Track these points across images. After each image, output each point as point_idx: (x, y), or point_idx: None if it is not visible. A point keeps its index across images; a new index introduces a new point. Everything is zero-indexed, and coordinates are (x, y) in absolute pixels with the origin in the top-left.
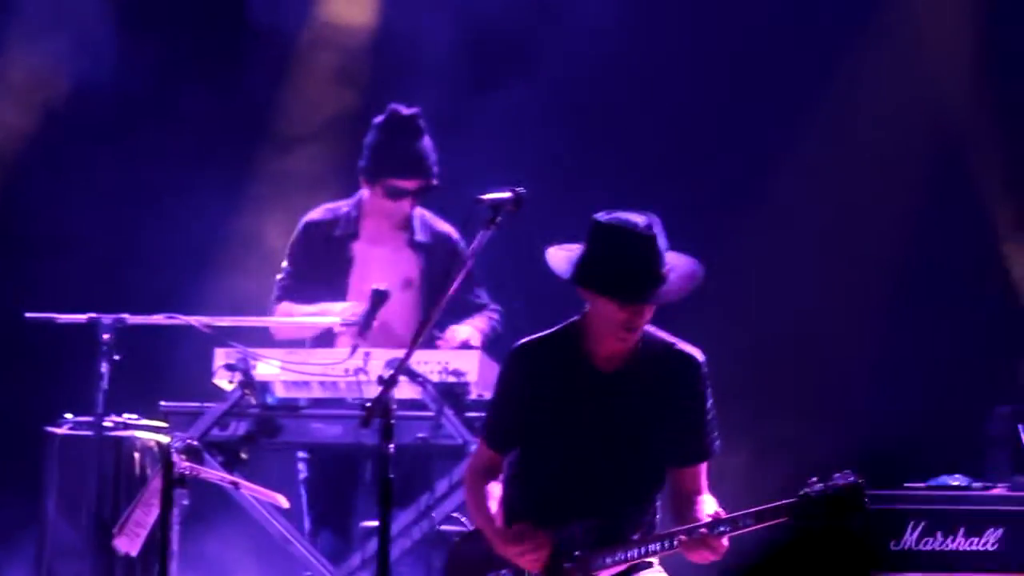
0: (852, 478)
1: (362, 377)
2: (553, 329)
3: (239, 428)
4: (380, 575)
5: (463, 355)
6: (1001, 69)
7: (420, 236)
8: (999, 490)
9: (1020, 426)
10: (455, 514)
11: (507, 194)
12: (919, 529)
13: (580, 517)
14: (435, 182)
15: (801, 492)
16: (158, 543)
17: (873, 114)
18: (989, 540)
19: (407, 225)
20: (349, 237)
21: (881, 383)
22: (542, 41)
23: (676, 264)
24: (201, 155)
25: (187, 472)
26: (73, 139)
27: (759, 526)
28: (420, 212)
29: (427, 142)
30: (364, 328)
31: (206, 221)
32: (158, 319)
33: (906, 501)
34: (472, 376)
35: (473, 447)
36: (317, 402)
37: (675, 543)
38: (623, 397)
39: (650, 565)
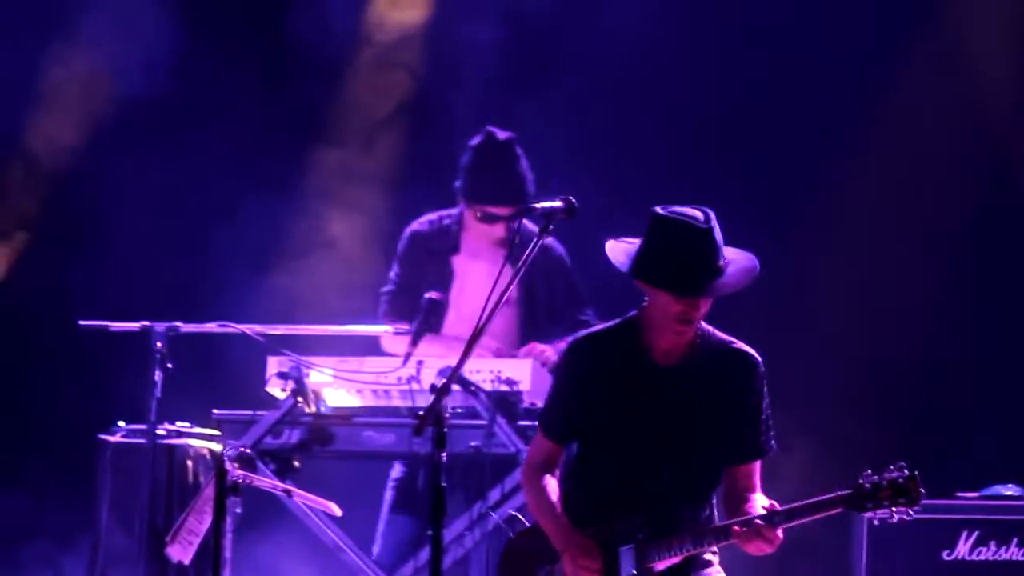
0: (906, 470)
1: (415, 386)
2: (612, 323)
3: (292, 436)
4: None
5: (516, 364)
6: None
7: (517, 250)
8: None
9: None
10: (515, 513)
11: (559, 203)
12: (972, 539)
13: (636, 511)
14: (530, 207)
15: (857, 483)
16: (211, 551)
17: (920, 120)
18: None
19: (507, 240)
20: (450, 251)
21: (934, 390)
22: (582, 40)
23: (733, 258)
24: (254, 159)
25: (240, 480)
26: (123, 146)
27: (814, 517)
28: (525, 225)
29: (522, 167)
30: (417, 337)
31: (259, 227)
32: (211, 327)
33: (959, 511)
34: (525, 385)
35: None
36: (370, 410)
37: (730, 535)
38: (680, 391)
39: (709, 564)
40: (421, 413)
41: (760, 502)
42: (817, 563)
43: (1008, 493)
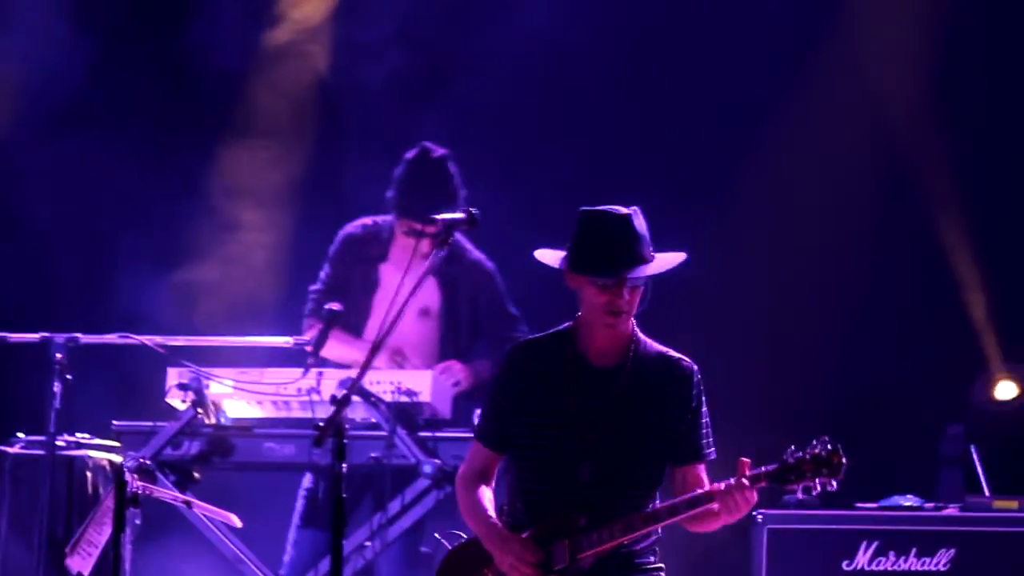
0: (828, 444)
1: (315, 397)
2: (549, 331)
3: (192, 447)
4: None
5: (416, 375)
6: (949, 81)
7: (446, 264)
8: (951, 510)
9: (972, 446)
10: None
11: (460, 214)
12: (872, 549)
13: (567, 508)
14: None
15: (781, 459)
16: (110, 563)
17: (824, 128)
18: (941, 560)
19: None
20: (379, 258)
21: (834, 401)
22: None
23: (661, 255)
24: (158, 162)
25: (139, 491)
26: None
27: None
28: (457, 240)
29: (454, 186)
30: (317, 349)
31: (163, 233)
32: (111, 338)
33: (859, 521)
34: (425, 396)
35: (426, 467)
36: (270, 422)
37: (661, 515)
38: (616, 391)
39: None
40: (321, 424)
41: None
42: (718, 572)
43: (907, 504)
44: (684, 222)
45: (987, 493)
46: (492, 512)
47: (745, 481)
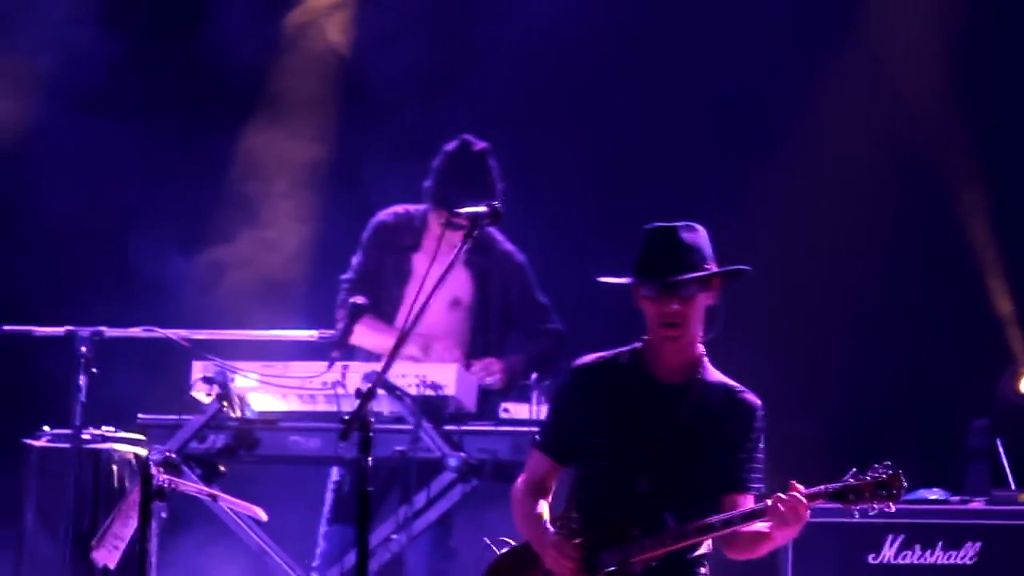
0: (890, 469)
1: (340, 390)
2: (616, 350)
3: (217, 441)
4: None
5: (442, 368)
6: (969, 78)
7: (475, 255)
8: (977, 504)
9: (998, 439)
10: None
11: (483, 208)
12: (897, 543)
13: (629, 522)
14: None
15: (844, 479)
16: (136, 556)
17: (844, 124)
18: (967, 554)
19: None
20: (412, 248)
21: (860, 396)
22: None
23: (721, 264)
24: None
25: (165, 485)
26: (46, 141)
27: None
28: (489, 232)
29: (492, 179)
30: (341, 341)
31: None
32: (136, 332)
33: (884, 515)
34: (450, 389)
35: (452, 460)
36: (296, 415)
37: (716, 526)
38: (680, 408)
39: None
40: (347, 418)
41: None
42: (742, 568)
43: (933, 497)
44: (704, 223)
45: (1013, 486)
46: (545, 518)
47: (798, 494)
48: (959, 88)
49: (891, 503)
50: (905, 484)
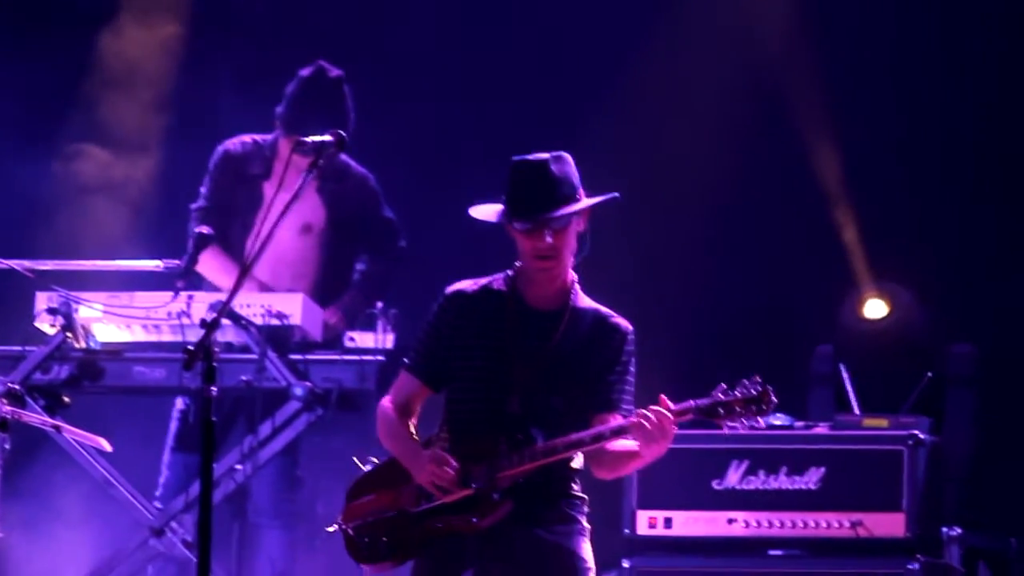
0: (759, 385)
1: (185, 320)
2: (488, 276)
3: (62, 372)
4: (202, 519)
5: (286, 298)
6: (818, 23)
7: (328, 181)
8: (821, 429)
9: (842, 365)
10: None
11: (329, 136)
12: (742, 468)
13: (497, 437)
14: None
15: (711, 394)
16: None
17: (695, 53)
18: (811, 479)
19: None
20: (262, 176)
21: (706, 322)
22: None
23: (592, 196)
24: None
25: (8, 416)
26: None
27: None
28: (341, 157)
29: (346, 106)
30: (186, 271)
31: (28, 165)
32: None
33: (729, 440)
34: (296, 319)
35: (297, 390)
36: (140, 345)
37: (583, 444)
38: (547, 331)
39: (576, 521)
40: (190, 348)
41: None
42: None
43: (777, 423)
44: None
45: (857, 412)
46: (415, 436)
47: (665, 410)
48: (812, 12)
49: (760, 419)
50: (775, 400)
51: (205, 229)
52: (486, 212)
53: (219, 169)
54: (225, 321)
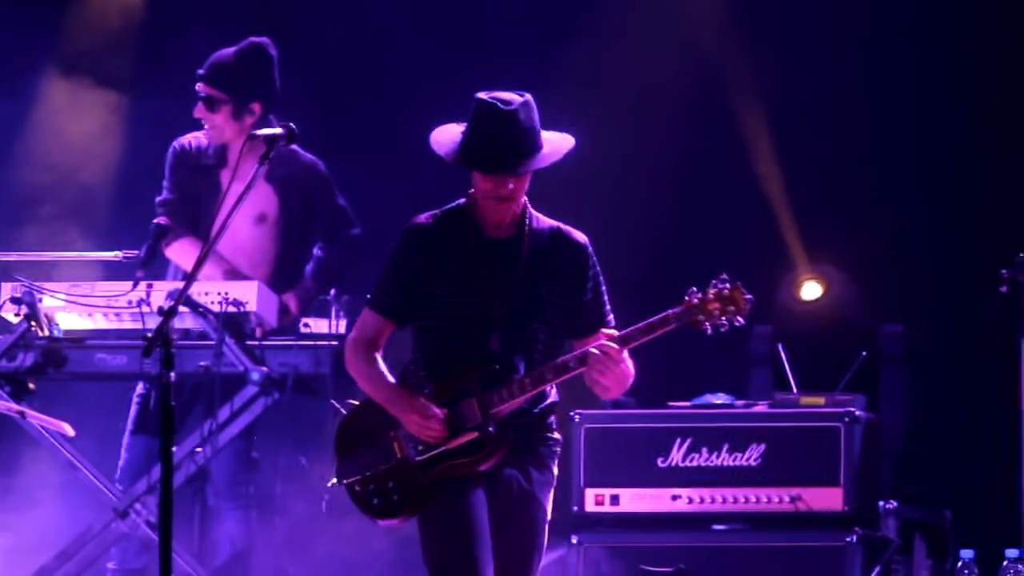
0: (727, 281)
1: (145, 308)
2: (444, 207)
3: (26, 359)
4: (163, 501)
5: (243, 285)
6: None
7: (277, 170)
8: (761, 407)
9: (780, 345)
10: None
11: (280, 129)
12: (685, 446)
13: (471, 369)
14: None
15: (683, 299)
16: None
17: (634, 56)
18: (752, 455)
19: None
20: (217, 166)
21: (644, 303)
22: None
23: (550, 139)
24: None
25: None
26: None
27: (650, 336)
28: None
29: (243, 58)
30: (145, 261)
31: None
32: None
33: (672, 420)
34: (252, 306)
35: (254, 375)
36: (102, 333)
37: (569, 368)
38: (513, 260)
39: (548, 468)
40: (149, 335)
41: None
42: None
43: (718, 402)
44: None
45: (795, 390)
46: (390, 377)
47: (608, 342)
48: (742, 8)
49: (741, 318)
50: (749, 296)
51: (162, 220)
52: (444, 142)
53: (175, 162)
54: (184, 309)
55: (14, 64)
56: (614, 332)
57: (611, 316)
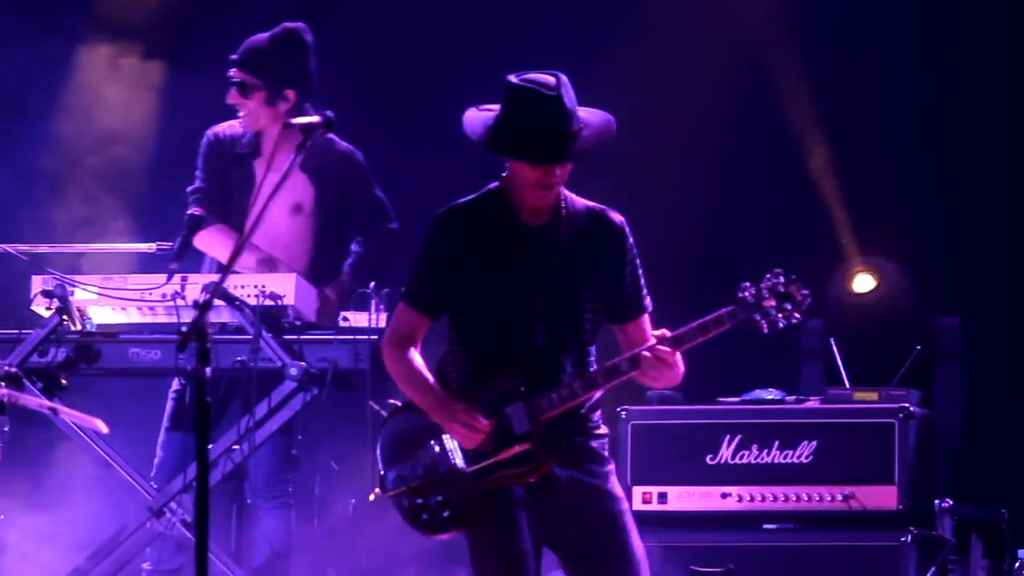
0: (782, 275)
1: (179, 302)
2: (475, 194)
3: (58, 354)
4: (199, 499)
5: (280, 278)
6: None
7: (312, 159)
8: (812, 403)
9: (832, 340)
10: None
11: (317, 118)
12: (735, 443)
13: (514, 369)
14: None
15: (738, 297)
16: None
17: (683, 46)
18: (803, 452)
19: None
20: (252, 155)
21: (693, 296)
22: None
23: (588, 120)
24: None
25: (6, 399)
26: None
27: (704, 338)
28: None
29: (278, 44)
30: (179, 253)
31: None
32: None
33: (721, 416)
34: (289, 299)
35: (292, 370)
36: (136, 327)
37: (620, 371)
38: (553, 248)
39: (608, 462)
40: (184, 329)
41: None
42: None
43: (769, 397)
44: None
45: (847, 385)
46: (431, 377)
47: (661, 347)
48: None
49: (798, 314)
50: (806, 291)
51: (197, 210)
52: (477, 128)
53: (208, 151)
54: (220, 302)
55: (51, 30)
56: (666, 332)
57: (648, 299)
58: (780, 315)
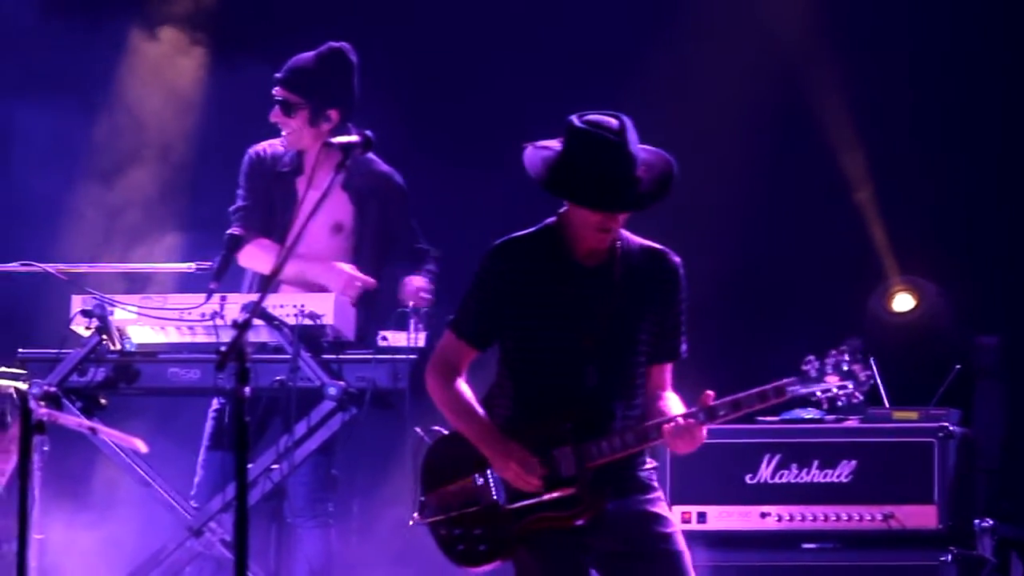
0: (846, 353)
1: (219, 321)
2: (532, 228)
3: (97, 374)
4: (238, 518)
5: (319, 298)
6: (842, 16)
7: (353, 179)
8: (852, 423)
9: (872, 358)
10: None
11: (356, 137)
12: (774, 462)
13: (564, 412)
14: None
15: (801, 370)
16: (18, 490)
17: (717, 48)
18: (843, 472)
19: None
20: (293, 172)
21: (733, 317)
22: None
23: (650, 162)
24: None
25: (45, 418)
26: None
27: (760, 406)
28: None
29: (323, 63)
30: (219, 273)
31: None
32: (14, 266)
33: (761, 435)
34: (328, 319)
35: (331, 389)
36: (175, 347)
37: (661, 433)
38: (606, 290)
39: (655, 489)
40: (223, 348)
41: (672, 399)
42: None
43: (808, 416)
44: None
45: (887, 405)
46: (481, 410)
47: (693, 422)
48: (832, 15)
49: (859, 395)
50: (870, 371)
51: (236, 230)
52: (539, 168)
53: (250, 170)
54: (258, 322)
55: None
56: (710, 395)
57: (685, 346)
58: (841, 393)
